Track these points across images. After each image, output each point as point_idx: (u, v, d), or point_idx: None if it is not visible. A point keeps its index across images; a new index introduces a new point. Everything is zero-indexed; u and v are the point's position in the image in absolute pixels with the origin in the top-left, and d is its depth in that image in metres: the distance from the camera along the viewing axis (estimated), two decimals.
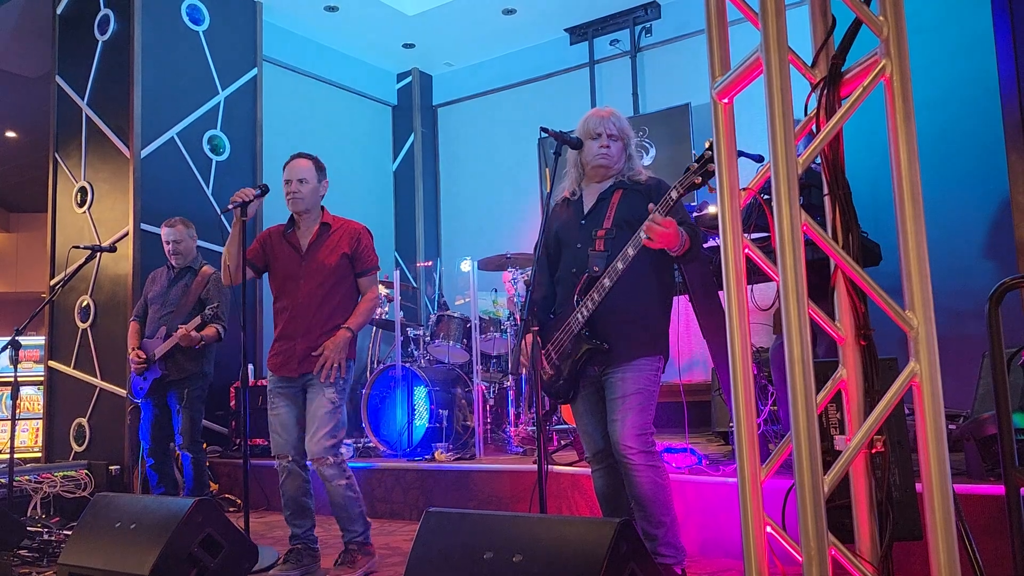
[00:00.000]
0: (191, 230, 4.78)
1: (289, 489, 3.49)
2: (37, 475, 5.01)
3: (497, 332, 5.59)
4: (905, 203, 1.55)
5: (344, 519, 3.44)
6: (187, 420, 4.52)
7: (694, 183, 2.62)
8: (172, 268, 4.77)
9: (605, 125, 2.95)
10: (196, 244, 4.84)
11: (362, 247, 3.59)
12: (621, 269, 2.72)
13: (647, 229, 2.60)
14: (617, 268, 2.73)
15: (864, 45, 1.65)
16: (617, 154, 2.97)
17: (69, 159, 6.16)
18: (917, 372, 1.53)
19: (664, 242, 2.62)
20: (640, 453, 2.72)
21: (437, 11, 7.01)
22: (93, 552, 3.01)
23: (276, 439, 3.51)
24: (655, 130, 6.45)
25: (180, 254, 4.72)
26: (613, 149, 2.95)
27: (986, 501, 2.78)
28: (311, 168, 3.58)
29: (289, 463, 3.47)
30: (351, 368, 3.56)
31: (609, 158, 2.95)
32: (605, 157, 2.95)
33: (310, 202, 3.56)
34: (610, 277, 2.74)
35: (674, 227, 2.61)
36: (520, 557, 2.02)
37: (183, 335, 4.40)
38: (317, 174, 3.59)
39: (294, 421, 3.50)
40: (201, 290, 4.66)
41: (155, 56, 5.87)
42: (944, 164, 4.66)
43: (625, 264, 2.72)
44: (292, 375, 3.51)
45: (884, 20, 1.58)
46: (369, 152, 8.09)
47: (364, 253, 3.60)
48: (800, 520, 1.46)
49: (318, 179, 3.59)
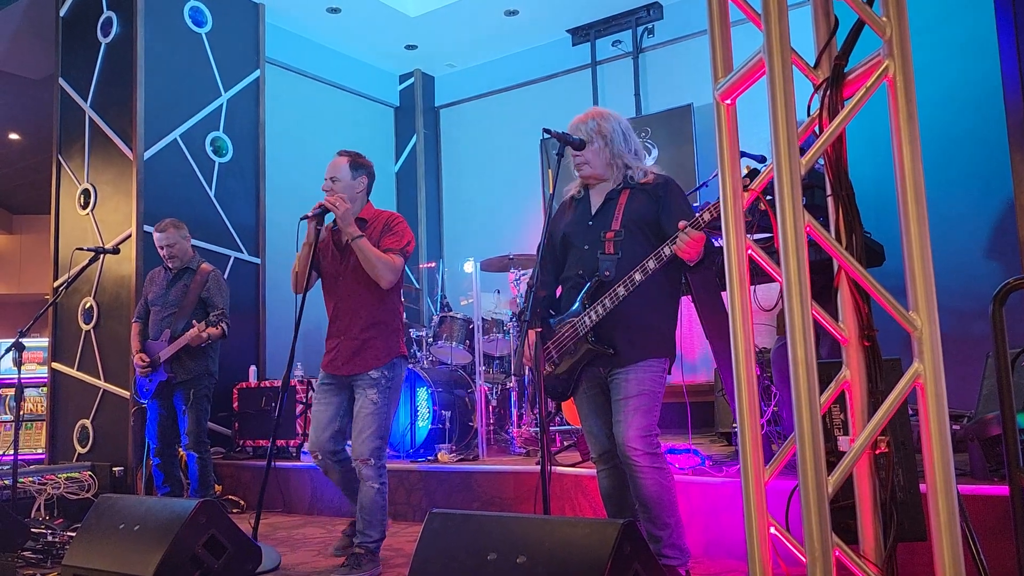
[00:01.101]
0: (183, 231, 4.78)
1: (334, 481, 3.59)
2: (41, 476, 5.02)
3: (500, 333, 5.59)
4: (908, 203, 1.55)
5: (365, 522, 3.41)
6: (193, 420, 4.54)
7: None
8: (169, 269, 4.78)
9: (577, 130, 2.93)
10: (190, 244, 4.85)
11: (388, 231, 3.49)
12: (639, 280, 2.72)
13: (680, 240, 2.62)
14: (635, 279, 2.73)
15: (867, 46, 1.65)
16: (592, 157, 2.93)
17: (72, 161, 6.17)
18: (921, 373, 1.53)
19: (694, 253, 2.65)
20: (645, 455, 2.72)
21: (439, 12, 7.01)
22: (97, 553, 3.01)
23: (311, 435, 3.53)
24: (657, 131, 6.45)
25: (175, 256, 4.73)
26: (585, 154, 2.92)
27: (990, 501, 2.77)
28: (345, 165, 3.52)
29: (320, 460, 3.50)
30: (397, 366, 3.50)
31: (583, 167, 2.95)
32: (579, 167, 2.96)
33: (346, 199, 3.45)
34: (626, 287, 2.74)
35: (702, 241, 2.65)
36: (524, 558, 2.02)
37: (194, 335, 4.41)
38: (351, 171, 3.52)
39: (327, 420, 3.47)
40: (201, 289, 4.67)
41: (158, 58, 5.88)
42: (947, 164, 4.65)
43: (644, 276, 2.72)
44: (339, 373, 3.48)
45: (887, 20, 1.58)
46: (371, 153, 7.89)
47: (388, 236, 3.47)
48: (804, 521, 1.45)
49: (352, 175, 3.51)
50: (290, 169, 7.00)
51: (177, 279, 4.74)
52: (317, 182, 3.69)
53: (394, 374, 3.47)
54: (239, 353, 6.09)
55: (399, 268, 3.43)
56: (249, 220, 6.42)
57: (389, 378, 3.44)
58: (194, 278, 4.71)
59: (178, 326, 4.56)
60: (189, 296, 4.64)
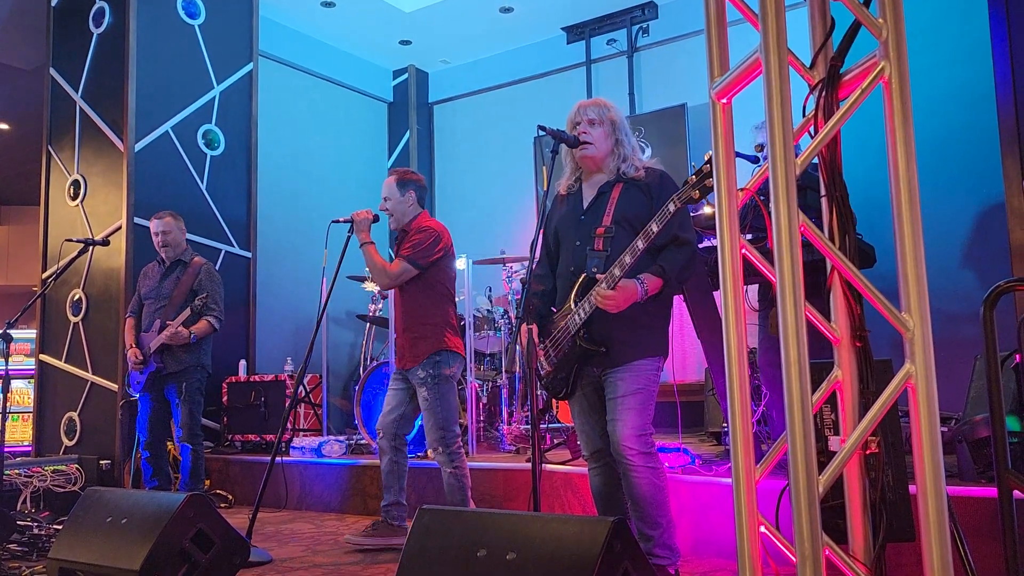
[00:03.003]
0: (180, 223, 4.77)
1: (381, 464, 3.84)
2: (27, 469, 4.98)
3: (491, 330, 5.59)
4: (902, 205, 1.55)
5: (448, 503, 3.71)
6: (186, 413, 4.52)
7: (691, 198, 2.61)
8: (163, 262, 4.76)
9: (584, 113, 2.90)
10: (185, 237, 4.83)
11: (407, 238, 3.80)
12: (619, 276, 2.70)
13: (599, 304, 2.67)
14: (614, 275, 2.71)
15: (863, 47, 1.65)
16: (600, 139, 2.90)
17: (62, 152, 6.13)
18: (912, 374, 1.53)
19: (621, 307, 2.68)
20: (640, 454, 2.71)
21: (434, 8, 7.00)
22: (83, 547, 2.99)
23: (380, 416, 3.88)
24: (651, 130, 6.45)
25: (169, 246, 4.71)
26: (593, 133, 2.90)
27: (979, 503, 2.79)
28: (392, 185, 3.84)
29: (382, 439, 3.83)
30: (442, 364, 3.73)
31: (587, 147, 2.89)
32: (583, 148, 2.90)
33: (399, 216, 3.84)
34: (608, 283, 2.73)
35: (624, 293, 2.67)
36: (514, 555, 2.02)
37: (170, 334, 4.41)
38: (399, 189, 3.83)
39: (393, 405, 3.83)
40: (193, 281, 4.66)
41: (150, 50, 5.84)
42: (940, 167, 4.67)
43: (623, 271, 2.70)
44: (401, 367, 3.84)
45: (883, 22, 1.58)
46: (364, 148, 8.08)
47: (405, 243, 3.79)
48: (794, 520, 1.46)
49: (400, 193, 3.82)
50: (283, 163, 6.98)
51: (170, 272, 4.72)
52: (309, 177, 3.74)
53: (439, 372, 3.72)
54: (229, 347, 6.07)
55: (395, 274, 3.73)
56: (240, 214, 6.39)
57: (435, 376, 3.70)
58: (186, 271, 4.70)
59: (169, 317, 4.55)
60: (180, 288, 4.63)
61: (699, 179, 2.58)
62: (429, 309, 3.76)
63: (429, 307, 3.76)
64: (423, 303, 3.76)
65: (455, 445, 3.70)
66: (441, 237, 3.81)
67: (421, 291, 3.76)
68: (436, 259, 3.76)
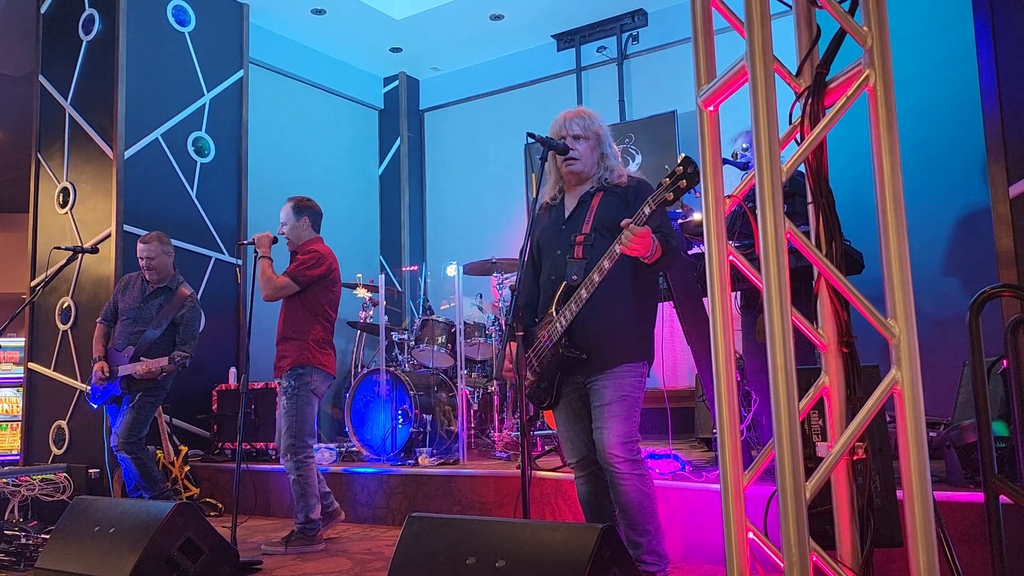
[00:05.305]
0: (167, 246, 4.75)
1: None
2: (15, 478, 4.95)
3: (482, 337, 5.59)
4: (888, 212, 1.56)
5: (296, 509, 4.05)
6: (129, 420, 4.50)
7: (666, 200, 2.60)
8: (148, 283, 4.74)
9: (568, 127, 2.90)
10: (172, 261, 4.81)
11: (294, 259, 4.19)
12: (597, 281, 2.70)
13: (624, 237, 2.60)
14: (593, 280, 2.70)
15: (848, 55, 1.66)
16: (585, 154, 2.92)
17: (52, 159, 6.11)
18: (899, 379, 1.54)
19: (642, 250, 2.62)
20: (626, 462, 2.71)
21: (424, 16, 7.01)
22: (72, 556, 2.98)
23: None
24: (641, 137, 6.47)
25: (154, 270, 4.69)
26: (579, 148, 2.91)
27: (966, 508, 2.80)
28: (289, 210, 4.22)
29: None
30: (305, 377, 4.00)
31: (574, 163, 2.91)
32: (569, 163, 2.92)
33: (295, 239, 4.22)
34: (587, 289, 2.72)
35: (648, 237, 2.61)
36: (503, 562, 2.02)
37: (142, 373, 4.41)
38: (295, 215, 4.20)
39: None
40: (175, 312, 4.64)
41: (140, 57, 5.83)
42: (926, 173, 4.70)
43: (602, 276, 2.70)
44: (276, 375, 4.15)
45: (868, 30, 1.60)
46: (355, 156, 8.07)
47: (293, 262, 4.18)
48: (782, 526, 1.46)
49: (295, 218, 4.19)
50: (273, 170, 6.96)
51: (154, 296, 4.70)
52: (300, 184, 3.78)
53: (300, 383, 4.02)
54: (219, 355, 6.05)
55: (276, 286, 4.06)
56: (231, 221, 6.37)
57: (295, 386, 4.02)
58: (171, 299, 4.67)
59: (144, 344, 4.54)
60: (160, 316, 4.61)
61: (673, 181, 2.58)
62: (302, 325, 4.08)
63: (302, 323, 4.08)
64: (298, 318, 4.09)
65: (303, 455, 3.99)
66: (324, 259, 4.12)
67: (299, 307, 4.10)
68: (315, 278, 4.07)
